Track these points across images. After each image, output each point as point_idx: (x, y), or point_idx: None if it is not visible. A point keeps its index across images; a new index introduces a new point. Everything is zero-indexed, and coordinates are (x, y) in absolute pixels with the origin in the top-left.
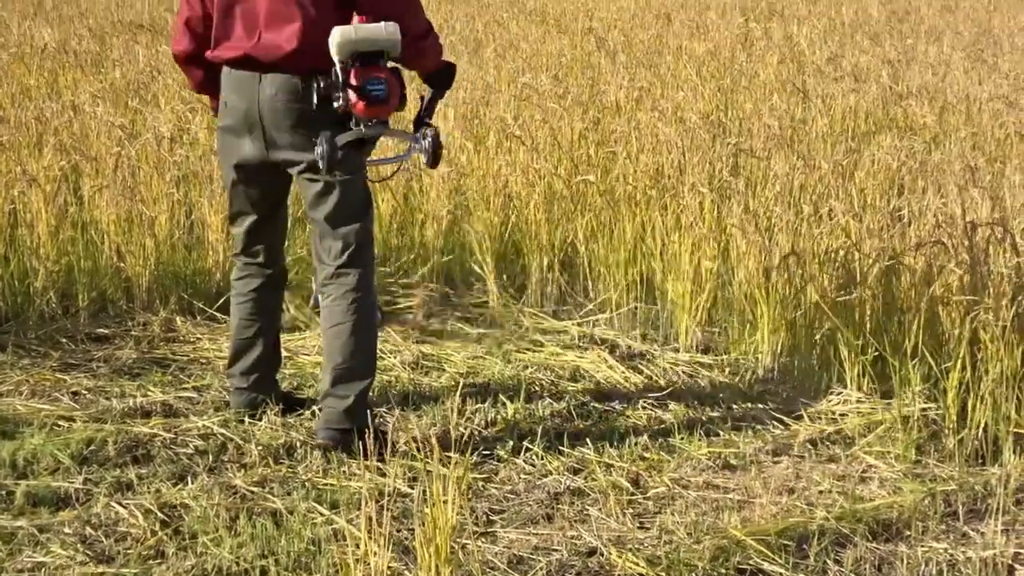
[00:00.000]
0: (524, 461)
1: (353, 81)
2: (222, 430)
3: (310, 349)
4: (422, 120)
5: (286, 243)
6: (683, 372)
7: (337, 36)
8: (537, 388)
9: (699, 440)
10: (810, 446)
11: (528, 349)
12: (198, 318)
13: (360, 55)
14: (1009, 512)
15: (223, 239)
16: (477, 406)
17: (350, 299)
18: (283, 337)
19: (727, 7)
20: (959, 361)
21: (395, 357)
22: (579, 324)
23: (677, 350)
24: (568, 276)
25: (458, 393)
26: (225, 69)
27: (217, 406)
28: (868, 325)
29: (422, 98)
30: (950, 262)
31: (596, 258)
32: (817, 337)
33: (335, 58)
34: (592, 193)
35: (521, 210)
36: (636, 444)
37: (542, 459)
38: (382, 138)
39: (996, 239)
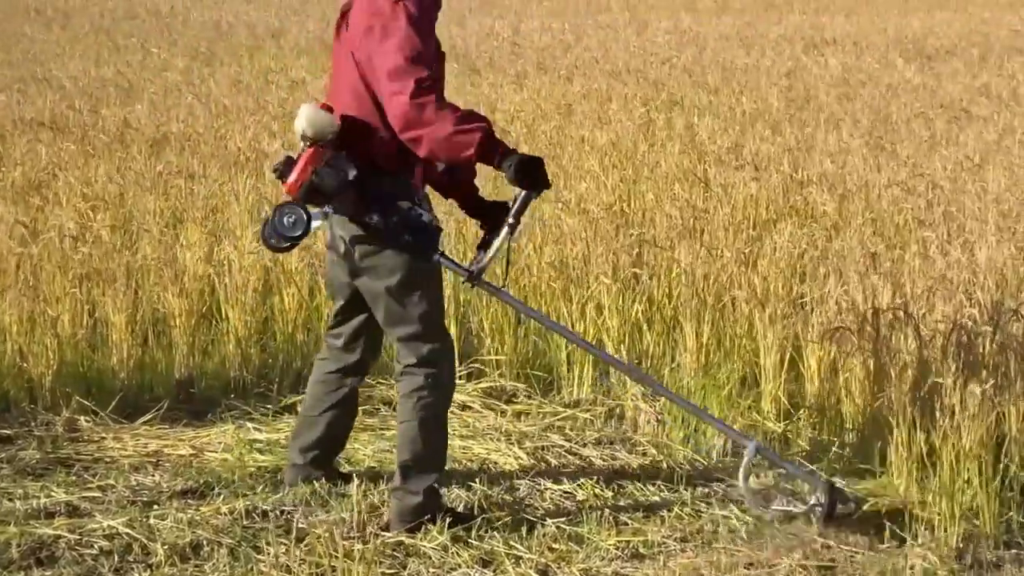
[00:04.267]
0: (433, 554)
1: None
2: (127, 530)
3: (216, 446)
4: (504, 220)
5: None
6: (590, 461)
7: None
8: (445, 480)
9: (608, 529)
10: (719, 532)
11: None
12: (102, 417)
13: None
14: None
15: (127, 337)
16: (385, 499)
17: (415, 398)
18: (190, 433)
19: (628, 98)
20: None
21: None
22: (488, 417)
23: (586, 442)
24: (473, 368)
25: (361, 486)
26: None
27: (122, 505)
28: (776, 411)
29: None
30: (853, 348)
31: (501, 350)
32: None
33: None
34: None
35: None
36: (545, 535)
37: (451, 551)
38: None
39: (898, 325)
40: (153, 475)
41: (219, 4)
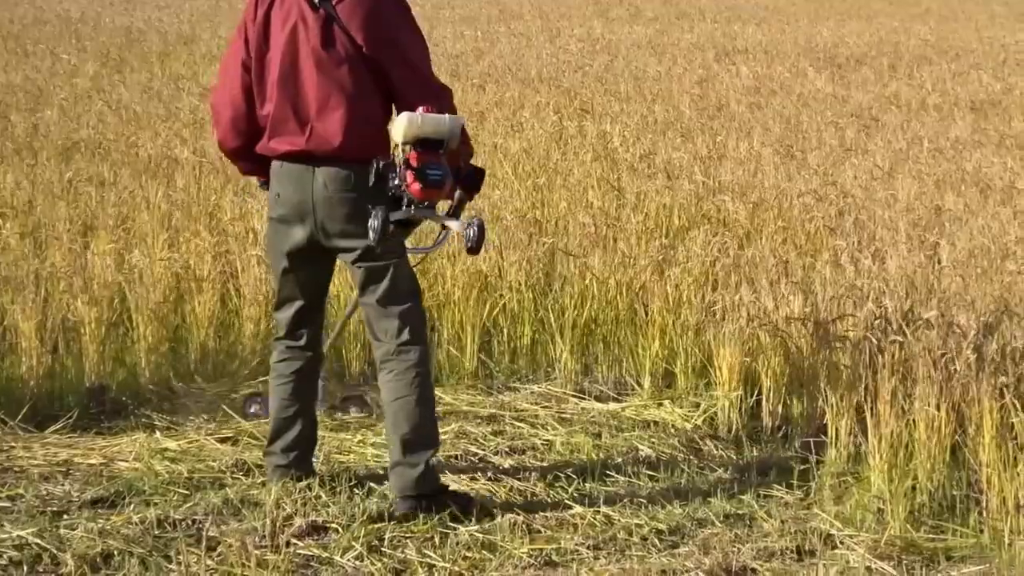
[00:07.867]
0: (346, 564)
1: (413, 163)
2: (37, 540)
3: (126, 455)
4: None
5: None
6: (502, 468)
7: (403, 121)
8: (359, 488)
9: (521, 537)
10: (632, 539)
11: (350, 451)
12: (11, 426)
13: (421, 141)
14: None
15: (36, 345)
16: (299, 508)
17: (413, 374)
18: (101, 442)
19: (540, 105)
20: None
21: (218, 461)
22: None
23: (498, 450)
24: None
25: (273, 496)
26: (276, 162)
27: (32, 515)
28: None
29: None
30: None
31: None
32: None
33: (398, 140)
34: None
35: (335, 315)
36: (458, 543)
37: (364, 560)
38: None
39: (808, 333)
40: (63, 484)
41: (130, 10)
